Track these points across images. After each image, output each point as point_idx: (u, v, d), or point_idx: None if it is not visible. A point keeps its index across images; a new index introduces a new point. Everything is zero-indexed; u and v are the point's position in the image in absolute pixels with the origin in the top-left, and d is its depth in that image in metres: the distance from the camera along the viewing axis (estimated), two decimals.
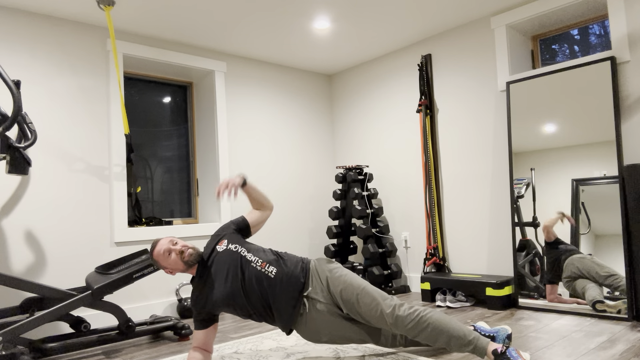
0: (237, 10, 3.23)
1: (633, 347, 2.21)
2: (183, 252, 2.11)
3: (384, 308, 2.00)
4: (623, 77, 2.90)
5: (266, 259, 2.13)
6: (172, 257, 2.11)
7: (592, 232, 2.89)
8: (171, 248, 2.12)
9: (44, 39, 3.11)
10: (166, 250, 2.11)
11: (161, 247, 2.12)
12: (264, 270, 2.09)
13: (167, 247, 2.12)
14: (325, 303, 2.09)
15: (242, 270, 2.09)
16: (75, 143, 3.18)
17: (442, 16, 3.52)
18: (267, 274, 2.09)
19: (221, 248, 2.17)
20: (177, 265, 2.12)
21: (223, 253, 2.15)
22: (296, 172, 4.46)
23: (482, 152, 3.57)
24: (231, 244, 2.18)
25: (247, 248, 2.18)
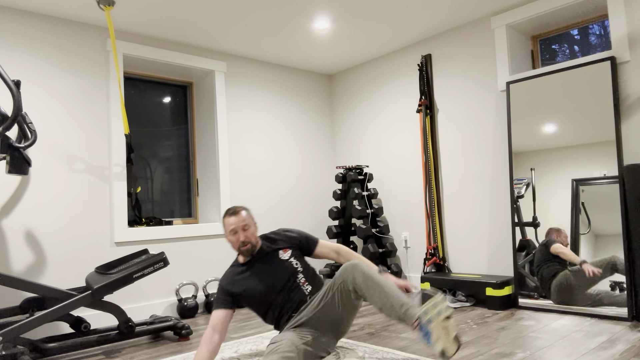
0: (237, 10, 3.23)
1: (633, 347, 2.21)
2: (244, 243, 2.25)
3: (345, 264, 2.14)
4: (623, 77, 2.90)
5: (307, 277, 2.30)
6: (233, 237, 2.26)
7: (592, 232, 2.89)
8: (238, 231, 2.25)
9: (44, 39, 3.11)
10: (233, 229, 2.25)
11: (232, 224, 2.25)
12: (304, 287, 2.26)
13: (234, 227, 2.25)
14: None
15: (289, 279, 2.25)
16: (75, 143, 3.18)
17: (442, 16, 3.52)
18: (304, 290, 2.25)
19: (283, 257, 2.32)
20: (233, 245, 2.29)
21: (283, 262, 2.30)
22: (296, 172, 4.46)
23: (482, 152, 3.57)
24: (294, 259, 2.32)
25: (303, 267, 2.33)
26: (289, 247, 2.36)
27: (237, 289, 2.24)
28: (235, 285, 2.25)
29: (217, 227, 3.80)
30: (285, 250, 2.34)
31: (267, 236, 2.41)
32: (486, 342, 2.43)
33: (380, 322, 2.96)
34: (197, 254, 3.68)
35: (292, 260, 2.31)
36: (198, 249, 3.69)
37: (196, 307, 3.47)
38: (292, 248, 2.36)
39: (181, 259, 3.59)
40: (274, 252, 2.33)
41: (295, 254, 2.35)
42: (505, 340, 2.43)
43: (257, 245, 2.33)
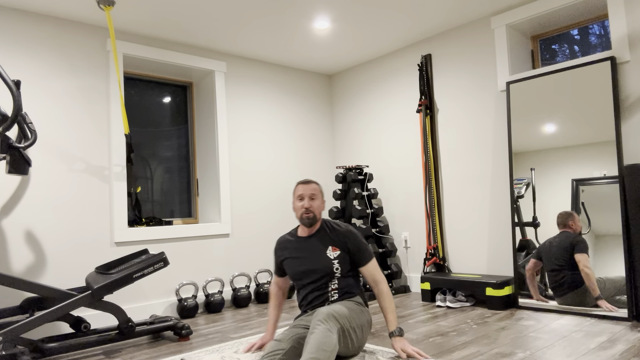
0: (237, 10, 3.23)
1: (633, 347, 2.21)
2: (307, 210, 2.31)
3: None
4: (623, 77, 2.90)
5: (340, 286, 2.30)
6: (298, 202, 2.33)
7: (592, 232, 2.89)
8: (305, 198, 2.32)
9: (44, 39, 3.11)
10: (301, 195, 2.33)
11: (301, 190, 2.34)
12: (331, 294, 2.29)
13: (302, 193, 2.33)
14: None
15: (322, 278, 2.28)
16: (75, 143, 3.18)
17: (442, 16, 3.52)
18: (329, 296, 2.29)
19: (330, 254, 2.30)
20: (297, 211, 2.36)
21: (327, 259, 2.29)
22: (296, 172, 4.45)
23: (482, 152, 3.57)
24: (338, 262, 2.29)
25: (342, 274, 2.30)
26: (340, 248, 2.31)
27: (281, 254, 2.42)
28: (282, 251, 2.42)
29: (217, 227, 3.80)
30: (335, 249, 2.30)
31: (331, 224, 2.37)
32: (486, 342, 2.43)
33: (380, 322, 2.97)
34: (197, 254, 3.68)
35: (335, 263, 2.28)
36: (198, 249, 3.69)
37: (196, 307, 3.47)
38: (342, 250, 2.31)
39: (181, 259, 3.59)
40: (326, 242, 2.31)
41: (343, 258, 2.30)
42: (505, 340, 2.43)
43: (318, 221, 2.36)
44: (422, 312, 3.19)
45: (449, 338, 2.53)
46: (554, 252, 3.00)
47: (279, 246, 2.45)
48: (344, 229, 2.34)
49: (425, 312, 3.21)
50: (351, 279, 2.33)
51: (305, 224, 2.33)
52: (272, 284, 2.53)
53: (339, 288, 2.28)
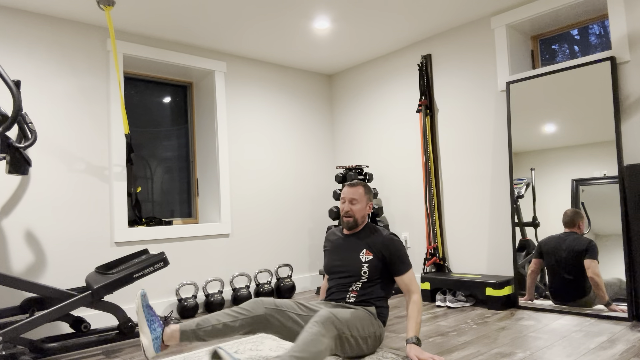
0: (237, 10, 3.23)
1: (633, 347, 2.21)
2: (347, 214, 2.38)
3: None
4: (623, 77, 2.90)
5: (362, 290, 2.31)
6: (342, 205, 2.41)
7: (592, 232, 2.89)
8: (346, 201, 2.39)
9: (44, 39, 3.11)
10: (343, 198, 2.40)
11: (344, 193, 2.40)
12: (349, 295, 2.32)
13: (345, 196, 2.39)
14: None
15: (348, 277, 2.32)
16: (75, 143, 3.18)
17: (442, 16, 3.52)
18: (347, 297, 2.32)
19: (362, 257, 2.32)
20: (340, 211, 2.43)
21: (359, 260, 2.31)
22: (296, 172, 4.46)
23: (482, 152, 3.57)
24: (368, 267, 2.29)
25: (369, 278, 2.30)
26: (375, 253, 2.30)
27: (326, 244, 2.53)
28: (327, 242, 2.53)
29: (217, 227, 3.80)
30: (369, 254, 2.30)
31: (375, 229, 2.39)
32: (486, 342, 2.43)
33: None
34: (197, 254, 3.68)
35: (364, 266, 2.28)
36: (198, 249, 3.69)
37: (196, 307, 3.47)
38: (376, 256, 2.29)
39: (181, 259, 3.59)
40: (362, 245, 2.34)
41: (374, 264, 2.28)
42: (505, 340, 2.43)
43: (360, 224, 2.40)
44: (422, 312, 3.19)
45: (449, 338, 2.53)
46: (563, 257, 2.94)
47: (326, 236, 2.57)
48: (385, 236, 2.32)
49: (425, 312, 3.21)
50: (378, 289, 2.30)
51: (345, 226, 2.39)
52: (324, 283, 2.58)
53: (360, 292, 2.29)
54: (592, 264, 2.83)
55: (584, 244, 2.88)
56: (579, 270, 2.88)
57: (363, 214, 2.39)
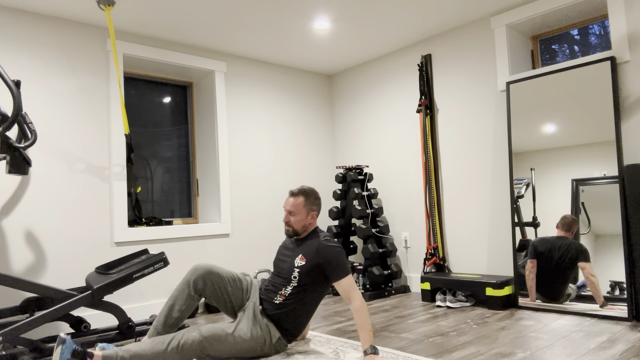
0: (237, 10, 3.23)
1: (633, 347, 2.21)
2: (286, 224, 2.43)
3: None
4: (623, 77, 2.90)
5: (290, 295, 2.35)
6: (284, 213, 2.47)
7: (592, 232, 2.89)
8: (285, 212, 2.43)
9: (44, 39, 3.11)
10: (284, 207, 2.43)
11: (285, 203, 2.43)
12: (277, 296, 2.36)
13: (285, 206, 2.42)
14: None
15: (282, 278, 2.39)
16: (75, 143, 3.18)
17: (442, 16, 3.52)
18: (273, 297, 2.37)
19: (297, 262, 2.35)
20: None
21: (292, 265, 2.36)
22: (296, 172, 4.45)
23: (482, 152, 3.57)
24: (299, 273, 2.33)
25: (299, 284, 2.33)
26: (309, 259, 2.32)
27: (281, 243, 2.59)
28: (282, 242, 2.59)
29: (217, 227, 3.80)
30: (303, 259, 2.33)
31: (317, 235, 2.39)
32: (486, 342, 2.43)
33: (380, 322, 2.97)
34: (197, 254, 3.68)
35: (295, 271, 2.33)
36: (198, 249, 3.69)
37: (196, 307, 3.47)
38: (310, 263, 2.31)
39: (181, 259, 3.59)
40: (300, 250, 2.37)
41: (306, 270, 2.31)
42: (505, 340, 2.43)
43: (301, 233, 2.42)
44: (422, 312, 3.19)
45: (449, 338, 2.54)
46: (556, 260, 2.98)
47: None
48: (321, 243, 2.32)
49: (425, 312, 3.21)
50: (308, 295, 2.32)
51: (287, 234, 2.44)
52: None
53: (287, 297, 2.32)
54: (587, 265, 2.86)
55: (577, 248, 2.92)
56: (569, 272, 2.93)
57: (303, 224, 2.40)
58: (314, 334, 2.70)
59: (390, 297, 3.79)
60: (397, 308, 3.38)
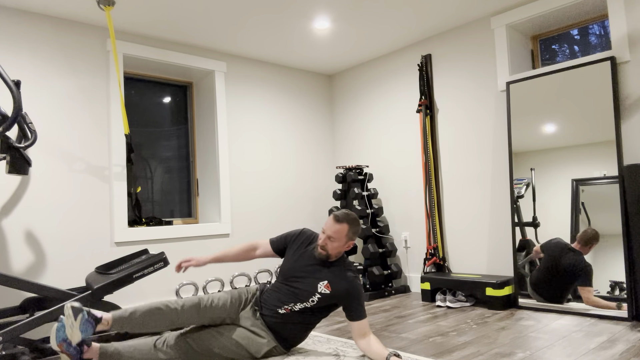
0: (237, 10, 3.23)
1: (633, 347, 2.21)
2: (321, 247, 2.26)
3: None
4: (623, 77, 2.90)
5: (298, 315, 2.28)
6: (321, 234, 2.28)
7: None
8: (325, 235, 2.25)
9: (44, 39, 3.11)
10: (324, 230, 2.26)
11: (327, 227, 2.25)
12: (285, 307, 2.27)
13: (325, 229, 2.25)
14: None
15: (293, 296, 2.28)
16: (75, 143, 3.18)
17: (442, 16, 3.52)
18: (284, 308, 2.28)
19: (320, 288, 2.23)
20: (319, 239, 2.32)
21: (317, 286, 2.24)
22: (296, 172, 4.46)
23: (482, 152, 3.57)
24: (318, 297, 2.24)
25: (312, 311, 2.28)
26: (335, 290, 2.22)
27: (295, 242, 2.40)
28: (299, 242, 2.40)
29: (217, 227, 3.80)
30: (328, 287, 2.22)
31: (346, 264, 2.30)
32: (486, 342, 2.43)
33: (380, 322, 2.97)
34: (197, 254, 3.68)
35: (316, 296, 2.22)
36: (198, 249, 3.69)
37: None
38: (333, 295, 2.22)
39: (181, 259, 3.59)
40: (327, 275, 2.24)
41: (327, 299, 2.22)
42: (505, 340, 2.43)
43: (332, 258, 2.28)
44: (422, 312, 3.19)
45: (449, 338, 2.53)
46: (559, 269, 2.95)
47: (301, 236, 2.42)
48: (351, 281, 2.23)
49: (425, 312, 3.21)
50: (310, 316, 2.28)
51: (317, 256, 2.28)
52: (256, 243, 2.49)
53: (292, 313, 2.25)
54: (585, 292, 2.84)
55: (580, 268, 2.87)
56: (569, 285, 2.92)
57: (339, 251, 2.26)
58: (314, 334, 2.70)
59: (390, 297, 3.79)
60: (397, 308, 3.38)
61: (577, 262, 2.89)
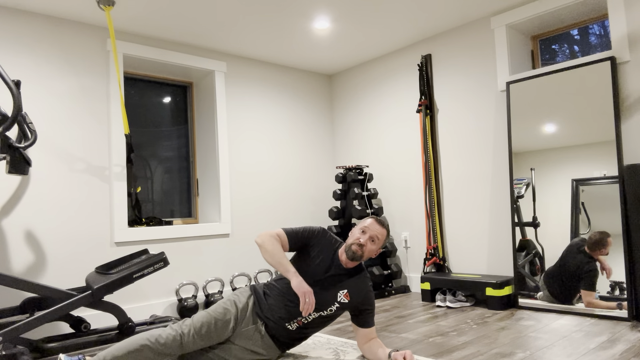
0: (237, 10, 3.23)
1: (633, 347, 2.21)
2: (359, 245, 2.12)
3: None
4: (623, 77, 2.90)
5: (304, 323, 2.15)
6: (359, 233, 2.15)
7: (592, 232, 2.89)
8: (366, 235, 2.14)
9: (44, 39, 3.11)
10: (365, 230, 2.15)
11: (371, 228, 2.15)
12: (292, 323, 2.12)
13: (370, 231, 2.14)
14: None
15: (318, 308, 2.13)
16: (75, 143, 3.18)
17: (442, 16, 3.52)
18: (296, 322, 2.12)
19: (340, 297, 2.14)
20: (352, 237, 2.17)
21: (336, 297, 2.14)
22: (296, 172, 4.46)
23: (482, 152, 3.57)
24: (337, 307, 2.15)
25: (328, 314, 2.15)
26: (353, 299, 2.15)
27: (317, 244, 2.18)
28: (320, 244, 2.18)
29: (217, 227, 3.80)
30: (347, 297, 2.14)
31: (364, 271, 2.22)
32: (486, 342, 2.43)
33: (380, 322, 2.97)
34: (197, 254, 3.68)
35: (335, 305, 2.13)
36: (198, 249, 3.69)
37: (196, 307, 3.46)
38: (351, 303, 2.15)
39: (181, 259, 3.59)
40: (347, 284, 2.15)
41: (344, 308, 2.16)
42: (505, 340, 2.43)
43: (361, 260, 2.15)
44: (422, 312, 3.19)
45: (449, 338, 2.53)
46: (569, 269, 2.93)
47: (324, 236, 2.22)
48: (369, 289, 2.20)
49: (425, 312, 3.21)
50: (320, 324, 2.17)
51: (349, 255, 2.12)
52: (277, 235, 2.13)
53: (306, 324, 2.12)
54: (586, 295, 2.84)
55: (584, 271, 2.87)
56: (576, 284, 2.90)
57: (368, 256, 2.16)
58: (314, 334, 2.70)
59: (390, 297, 3.79)
60: (397, 308, 3.38)
61: (581, 265, 2.89)
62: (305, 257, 2.18)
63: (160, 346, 1.90)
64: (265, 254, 2.08)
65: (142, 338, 1.91)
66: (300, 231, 2.19)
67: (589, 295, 2.83)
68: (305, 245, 2.20)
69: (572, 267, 2.92)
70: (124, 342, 1.92)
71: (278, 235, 2.14)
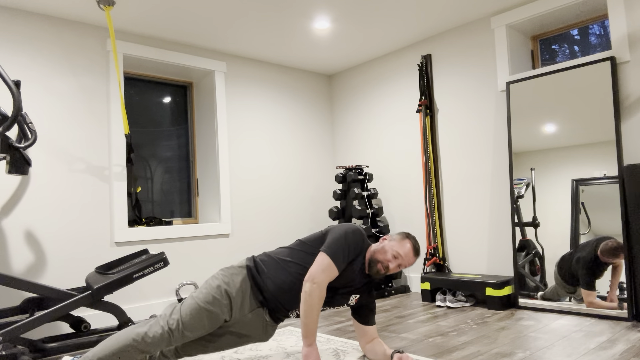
0: (237, 10, 3.23)
1: (633, 347, 2.21)
2: (386, 268, 2.09)
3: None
4: (623, 77, 2.90)
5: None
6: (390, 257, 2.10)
7: (592, 232, 2.89)
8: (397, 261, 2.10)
9: (45, 39, 3.11)
10: (397, 256, 2.10)
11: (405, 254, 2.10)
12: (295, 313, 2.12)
13: (401, 258, 2.11)
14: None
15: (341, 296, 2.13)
16: (75, 143, 3.18)
17: (442, 16, 3.52)
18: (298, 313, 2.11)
19: (352, 301, 2.16)
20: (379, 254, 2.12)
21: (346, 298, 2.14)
22: (296, 172, 4.46)
23: (482, 152, 3.58)
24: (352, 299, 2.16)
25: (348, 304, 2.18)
26: (360, 299, 2.18)
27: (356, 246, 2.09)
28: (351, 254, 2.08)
29: (217, 227, 3.80)
30: (356, 300, 2.18)
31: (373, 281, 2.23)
32: (486, 342, 2.43)
33: (380, 322, 2.97)
34: (197, 254, 3.68)
35: (342, 307, 2.29)
36: (198, 249, 3.69)
37: None
38: (359, 303, 2.20)
39: (181, 259, 3.59)
40: (360, 290, 2.16)
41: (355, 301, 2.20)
42: (505, 340, 2.43)
43: (379, 276, 2.14)
44: (422, 312, 3.19)
45: (449, 338, 2.54)
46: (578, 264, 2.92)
47: (361, 240, 2.12)
48: (373, 294, 2.25)
49: (425, 312, 3.21)
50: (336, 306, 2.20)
51: (371, 271, 2.09)
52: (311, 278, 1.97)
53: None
54: (585, 295, 2.84)
55: (581, 266, 2.87)
56: (579, 272, 2.91)
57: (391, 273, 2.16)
58: None
59: (390, 297, 3.79)
60: (397, 308, 3.38)
61: (579, 260, 2.90)
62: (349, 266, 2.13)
63: (147, 346, 1.87)
64: (307, 309, 1.96)
65: (128, 338, 1.87)
66: (342, 246, 2.06)
67: (588, 295, 2.84)
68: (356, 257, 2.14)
69: (574, 259, 2.92)
70: (109, 342, 1.89)
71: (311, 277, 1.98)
